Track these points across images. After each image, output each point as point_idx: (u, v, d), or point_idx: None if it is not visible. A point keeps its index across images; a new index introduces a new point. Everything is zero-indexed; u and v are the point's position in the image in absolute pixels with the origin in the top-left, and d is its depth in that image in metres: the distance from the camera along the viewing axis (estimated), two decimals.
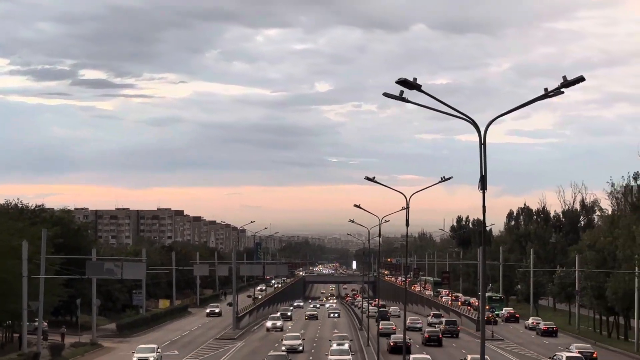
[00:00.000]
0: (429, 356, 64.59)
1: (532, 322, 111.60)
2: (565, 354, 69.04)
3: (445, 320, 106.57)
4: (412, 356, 62.25)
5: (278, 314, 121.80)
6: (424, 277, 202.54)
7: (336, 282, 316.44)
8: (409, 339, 72.40)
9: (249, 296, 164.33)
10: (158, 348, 71.82)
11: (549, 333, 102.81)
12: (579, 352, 72.21)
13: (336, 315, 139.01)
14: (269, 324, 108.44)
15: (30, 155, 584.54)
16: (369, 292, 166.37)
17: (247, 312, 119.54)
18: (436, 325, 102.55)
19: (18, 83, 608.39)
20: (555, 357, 68.93)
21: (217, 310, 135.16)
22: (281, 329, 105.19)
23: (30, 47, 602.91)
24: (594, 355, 75.25)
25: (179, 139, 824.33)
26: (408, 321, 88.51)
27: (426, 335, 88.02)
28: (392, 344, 76.75)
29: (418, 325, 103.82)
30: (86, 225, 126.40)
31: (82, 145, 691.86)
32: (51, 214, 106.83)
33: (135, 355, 69.32)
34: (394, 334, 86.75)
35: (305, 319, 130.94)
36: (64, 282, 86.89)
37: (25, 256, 71.51)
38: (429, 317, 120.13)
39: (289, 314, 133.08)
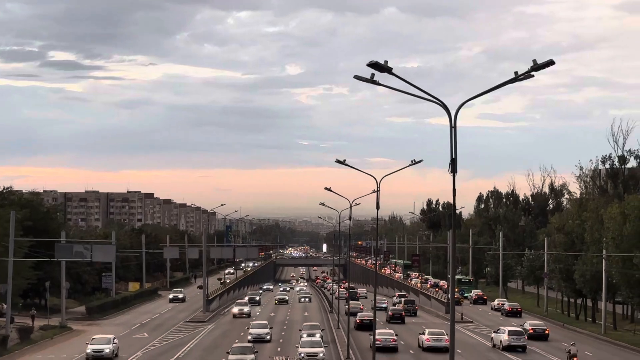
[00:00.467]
0: (392, 331, 70.48)
1: (498, 304, 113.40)
2: (507, 328, 73.14)
3: (404, 300, 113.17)
4: (377, 331, 64.78)
5: (245, 299, 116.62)
6: (394, 260, 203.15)
7: (306, 264, 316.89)
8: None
9: (219, 279, 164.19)
10: (115, 338, 65.07)
11: (514, 313, 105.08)
12: (532, 329, 78.28)
13: (307, 299, 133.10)
14: (235, 309, 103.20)
15: None
16: (339, 274, 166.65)
17: (217, 295, 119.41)
18: (397, 305, 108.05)
19: None
20: (499, 331, 72.74)
21: (180, 295, 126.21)
22: (248, 315, 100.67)
23: None
24: (546, 332, 79.27)
25: (149, 121, 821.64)
26: (384, 301, 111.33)
27: (390, 313, 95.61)
28: (358, 321, 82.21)
29: (383, 305, 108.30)
30: (55, 207, 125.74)
31: (52, 127, 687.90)
32: (20, 197, 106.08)
33: (90, 346, 62.46)
34: (361, 312, 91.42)
35: (275, 304, 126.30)
36: (33, 265, 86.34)
37: None
38: (394, 298, 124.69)
39: (258, 298, 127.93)
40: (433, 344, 67.36)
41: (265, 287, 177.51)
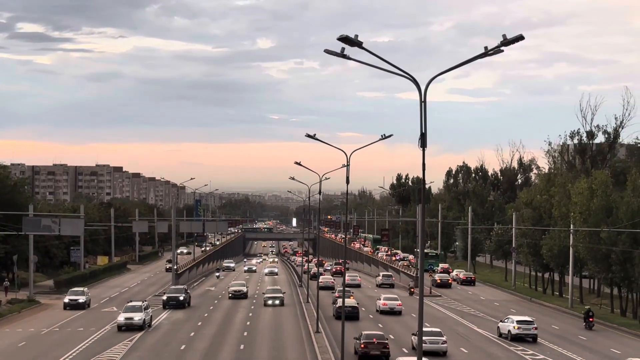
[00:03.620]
0: (332, 278, 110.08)
1: (456, 274, 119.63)
2: (382, 273, 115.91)
3: (336, 263, 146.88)
4: (321, 277, 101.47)
5: (163, 297, 77.84)
6: (364, 235, 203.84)
7: (276, 239, 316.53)
8: (323, 274, 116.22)
9: (188, 253, 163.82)
10: None
11: (468, 282, 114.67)
12: (439, 279, 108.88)
13: (277, 302, 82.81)
14: (120, 318, 63.79)
15: None
16: (308, 249, 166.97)
17: (187, 269, 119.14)
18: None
19: None
20: (377, 275, 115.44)
21: (81, 300, 79.91)
22: (141, 326, 62.96)
23: None
24: (450, 282, 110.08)
25: (118, 94, 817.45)
26: (326, 264, 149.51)
27: (333, 270, 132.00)
28: (312, 273, 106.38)
29: (329, 268, 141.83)
30: (23, 181, 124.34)
31: (19, 100, 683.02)
32: None
33: None
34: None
35: (229, 297, 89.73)
36: (0, 239, 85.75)
37: None
38: (339, 262, 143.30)
39: (182, 298, 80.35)
40: (350, 282, 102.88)
41: (225, 264, 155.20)
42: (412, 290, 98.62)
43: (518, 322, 61.16)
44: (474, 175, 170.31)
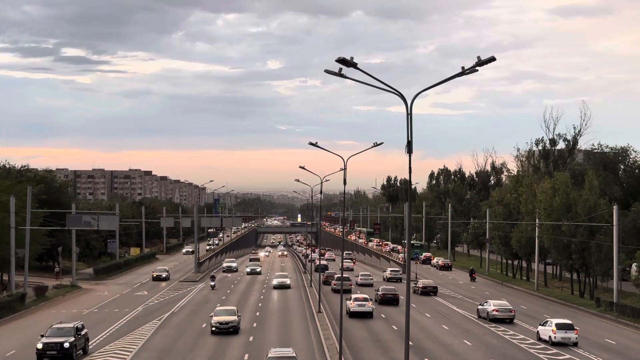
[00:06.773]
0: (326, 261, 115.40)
1: (435, 261, 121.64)
2: (346, 252, 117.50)
3: (321, 248, 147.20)
4: (312, 256, 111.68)
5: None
6: (359, 228, 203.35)
7: (283, 232, 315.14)
8: (326, 263, 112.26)
9: (208, 244, 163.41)
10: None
11: (446, 268, 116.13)
12: (402, 259, 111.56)
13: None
14: None
15: (17, 122, 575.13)
16: (312, 240, 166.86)
17: (207, 258, 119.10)
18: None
19: (6, 59, 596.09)
20: (346, 257, 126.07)
21: None
22: None
23: (18, 27, 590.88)
24: (412, 259, 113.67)
25: (148, 109, 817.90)
26: (326, 255, 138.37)
27: (320, 252, 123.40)
28: (316, 262, 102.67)
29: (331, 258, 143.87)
30: (66, 183, 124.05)
31: (63, 114, 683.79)
32: (35, 174, 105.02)
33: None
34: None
35: (212, 333, 49.33)
36: (47, 233, 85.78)
37: (13, 210, 70.48)
38: (324, 248, 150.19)
39: (68, 344, 40.71)
40: (328, 257, 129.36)
41: (226, 264, 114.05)
42: (355, 261, 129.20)
43: (391, 271, 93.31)
44: (453, 177, 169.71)
